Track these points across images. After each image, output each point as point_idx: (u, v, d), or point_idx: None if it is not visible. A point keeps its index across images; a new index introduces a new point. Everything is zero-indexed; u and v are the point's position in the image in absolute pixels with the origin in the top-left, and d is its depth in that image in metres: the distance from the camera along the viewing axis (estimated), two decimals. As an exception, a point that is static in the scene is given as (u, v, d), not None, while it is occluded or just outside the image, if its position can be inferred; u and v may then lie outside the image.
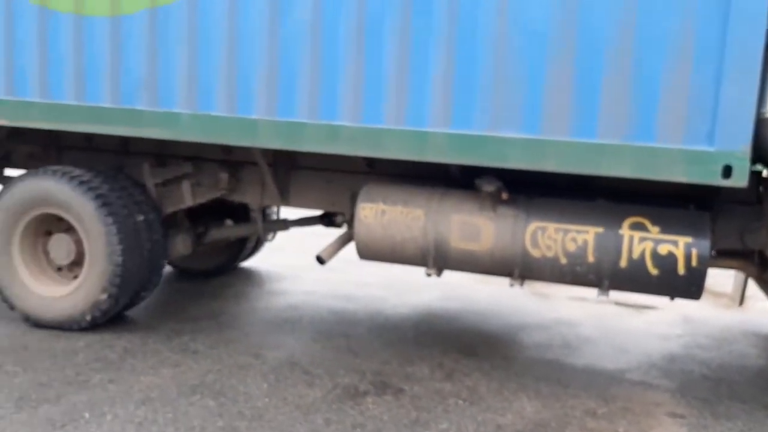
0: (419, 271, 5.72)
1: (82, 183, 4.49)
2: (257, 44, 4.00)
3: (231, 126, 4.11)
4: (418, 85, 3.77)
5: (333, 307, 5.52)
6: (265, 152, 4.62)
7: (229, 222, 5.91)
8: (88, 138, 5.01)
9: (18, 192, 4.60)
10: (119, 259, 4.46)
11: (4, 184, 5.47)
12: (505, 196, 3.97)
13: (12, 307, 4.71)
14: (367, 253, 4.25)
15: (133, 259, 4.55)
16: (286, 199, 4.89)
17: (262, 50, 3.99)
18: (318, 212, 5.34)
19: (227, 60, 4.06)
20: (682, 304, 5.80)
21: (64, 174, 4.53)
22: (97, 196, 4.47)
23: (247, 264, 6.74)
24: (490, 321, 5.40)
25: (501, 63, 3.61)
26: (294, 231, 5.76)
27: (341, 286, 6.19)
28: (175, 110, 4.19)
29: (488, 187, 3.92)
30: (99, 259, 4.47)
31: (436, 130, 3.76)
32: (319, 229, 5.59)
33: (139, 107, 4.25)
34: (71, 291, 4.57)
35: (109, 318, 4.64)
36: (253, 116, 4.06)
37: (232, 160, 4.91)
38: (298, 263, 6.86)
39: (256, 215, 6.14)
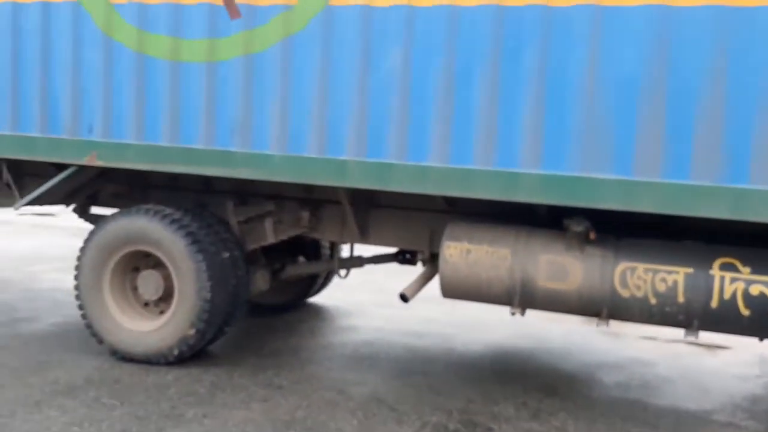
0: (486, 308, 5.78)
1: (173, 221, 4.66)
2: (348, 90, 4.14)
3: (321, 166, 4.24)
4: (507, 129, 3.87)
5: (406, 344, 5.57)
6: (347, 191, 4.74)
7: (301, 259, 6.06)
8: (173, 177, 5.18)
9: (111, 230, 4.78)
10: (208, 295, 4.59)
11: (91, 222, 5.70)
12: (593, 236, 4.01)
13: (100, 341, 4.85)
14: (451, 292, 4.32)
15: (221, 295, 4.67)
16: (365, 237, 4.99)
17: (353, 96, 4.14)
18: (392, 249, 5.43)
19: (318, 105, 4.21)
20: (756, 344, 5.72)
21: (156, 213, 4.70)
22: (188, 234, 4.63)
23: (313, 299, 6.84)
24: (565, 360, 5.40)
25: (591, 110, 3.69)
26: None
27: (409, 322, 6.25)
28: (267, 152, 4.35)
29: (577, 227, 3.97)
30: (188, 295, 4.61)
31: (527, 171, 3.84)
32: (369, 266, 5.69)
33: (232, 149, 4.41)
34: (160, 326, 4.70)
35: (194, 352, 4.76)
36: (343, 157, 4.19)
37: (313, 199, 5.04)
38: (361, 299, 6.95)
39: (327, 252, 6.32)
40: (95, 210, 5.79)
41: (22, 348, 4.99)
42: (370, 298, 7.08)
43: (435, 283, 5.19)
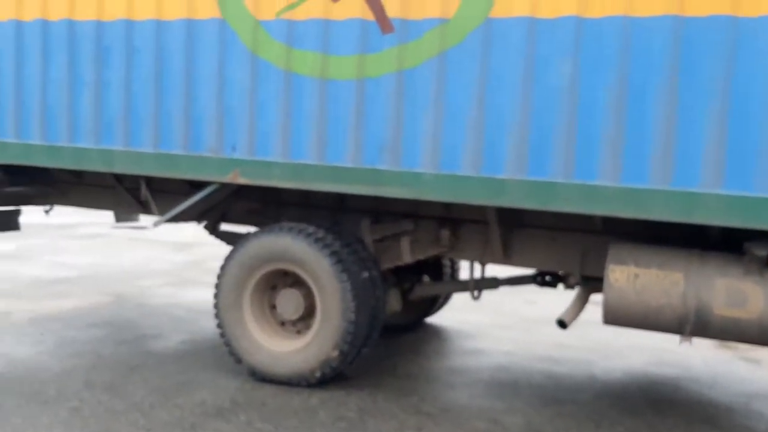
0: (617, 332, 5.53)
1: (317, 240, 4.57)
2: (509, 106, 3.98)
3: (477, 186, 4.08)
4: (686, 146, 3.65)
5: (544, 370, 5.34)
6: (496, 210, 4.56)
7: (426, 278, 5.91)
8: (306, 195, 5.10)
9: (254, 248, 4.72)
10: (352, 316, 4.48)
11: (222, 239, 5.68)
12: (776, 260, 3.74)
13: (239, 361, 4.79)
14: (616, 319, 4.09)
15: (364, 315, 4.56)
16: (508, 258, 4.80)
17: (514, 112, 3.97)
18: (530, 270, 5.23)
19: (475, 121, 4.06)
20: None
21: (300, 231, 4.62)
22: (332, 253, 4.53)
23: (430, 319, 6.68)
24: (713, 389, 5.09)
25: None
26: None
27: (539, 347, 6.02)
28: (418, 170, 4.22)
29: (759, 250, 3.70)
30: (333, 315, 4.50)
31: (709, 191, 3.60)
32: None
33: (381, 167, 4.30)
34: (302, 347, 4.61)
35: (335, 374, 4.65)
36: (502, 176, 4.02)
37: (452, 217, 4.88)
38: (478, 319, 6.77)
39: (448, 271, 6.16)
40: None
41: (159, 366, 4.97)
42: (488, 320, 6.88)
43: (551, 304, 4.99)
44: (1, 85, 5.34)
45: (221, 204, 5.32)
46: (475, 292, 5.48)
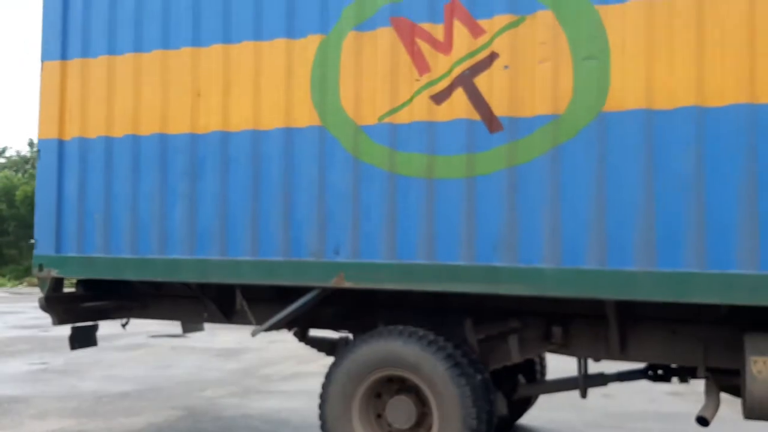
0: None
1: (430, 343, 4.42)
2: (630, 197, 3.93)
3: (605, 279, 3.97)
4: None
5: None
6: (614, 304, 4.43)
7: (521, 378, 5.70)
8: (402, 297, 4.97)
9: (363, 354, 4.57)
10: (474, 423, 4.28)
11: (312, 346, 5.52)
12: None
13: (349, 475, 4.55)
14: (760, 412, 3.89)
15: (483, 422, 4.35)
16: (625, 353, 4.63)
17: (637, 202, 3.92)
18: (640, 365, 5.04)
19: (596, 213, 4.00)
20: None
21: (411, 334, 4.48)
22: (448, 356, 4.38)
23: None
24: None
25: None
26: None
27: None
28: (540, 266, 4.12)
29: None
30: (452, 422, 4.30)
31: None
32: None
33: (498, 264, 4.21)
34: (420, 457, 4.39)
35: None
36: (631, 268, 3.93)
37: (560, 313, 4.74)
38: (566, 417, 6.50)
39: (538, 368, 5.96)
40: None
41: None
42: (574, 417, 6.61)
43: (631, 398, 4.66)
44: (89, 202, 5.34)
45: (312, 310, 5.19)
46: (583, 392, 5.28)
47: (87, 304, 5.83)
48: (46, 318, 5.84)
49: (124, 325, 6.26)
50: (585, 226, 4.04)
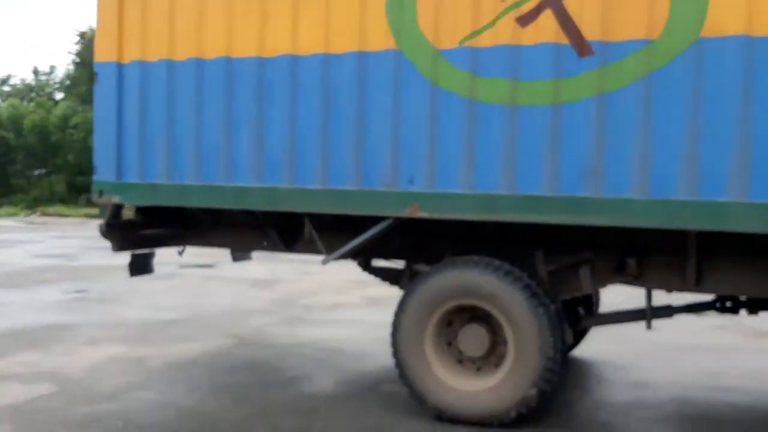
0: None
1: (507, 273, 4.40)
2: (727, 126, 3.82)
3: (696, 210, 3.90)
4: None
5: (724, 400, 5.11)
6: (695, 237, 4.38)
7: (581, 310, 5.71)
8: (470, 228, 4.91)
9: (438, 284, 4.55)
10: (551, 352, 4.29)
11: (377, 275, 5.51)
12: None
13: (422, 403, 4.59)
14: None
15: (558, 351, 4.36)
16: (701, 285, 4.60)
17: (734, 131, 3.81)
18: (709, 297, 5.02)
19: (689, 143, 3.90)
20: None
21: (487, 265, 4.45)
22: (525, 287, 4.36)
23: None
24: None
25: None
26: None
27: (699, 376, 5.79)
28: (626, 196, 4.05)
29: None
30: (529, 352, 4.32)
31: None
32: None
33: (584, 195, 4.13)
34: (495, 385, 4.42)
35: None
36: (724, 199, 3.85)
37: (636, 244, 4.69)
38: (609, 349, 6.55)
39: (595, 300, 5.96)
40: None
41: (334, 410, 4.78)
42: (627, 350, 6.63)
43: (679, 331, 4.69)
44: (150, 127, 5.25)
45: (379, 240, 5.15)
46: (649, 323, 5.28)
47: (145, 231, 5.81)
48: (71, 247, 5.88)
49: (180, 253, 6.26)
50: (677, 156, 3.94)
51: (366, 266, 5.51)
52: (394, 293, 5.29)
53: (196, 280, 11.27)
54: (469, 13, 4.34)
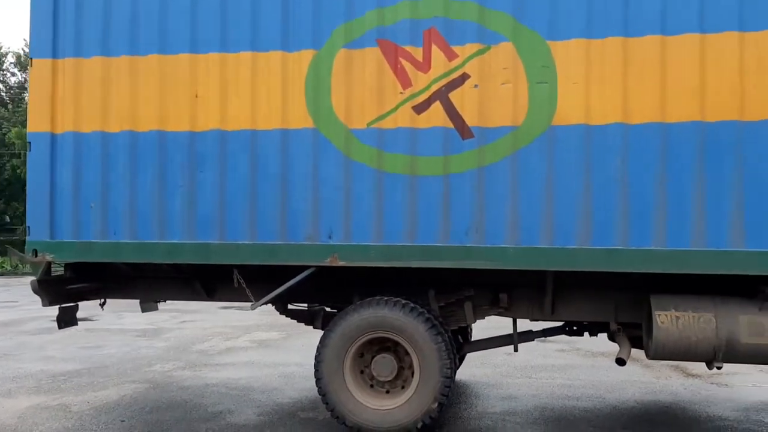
0: (599, 372, 6.65)
1: (412, 309, 5.41)
2: (573, 190, 5.09)
3: (552, 255, 5.12)
4: (716, 217, 4.92)
5: (576, 406, 6.40)
6: (552, 274, 5.61)
7: (460, 338, 6.83)
8: (373, 273, 5.85)
9: (356, 320, 5.47)
10: (448, 372, 5.33)
11: (292, 317, 6.31)
12: (780, 297, 5.05)
13: (343, 422, 5.46)
14: (662, 353, 5.21)
15: (453, 370, 5.41)
16: (555, 314, 5.85)
17: (578, 195, 5.09)
18: (559, 323, 6.30)
19: (546, 204, 5.13)
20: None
21: (395, 303, 5.45)
22: (427, 320, 5.39)
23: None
24: (710, 407, 6.34)
25: None
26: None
27: (553, 388, 7.07)
28: (502, 245, 5.21)
29: (770, 290, 5.01)
30: (432, 372, 5.33)
31: (738, 249, 4.87)
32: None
33: (470, 245, 5.25)
34: (405, 402, 5.38)
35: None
36: (572, 246, 5.11)
37: (505, 282, 5.87)
38: (479, 372, 7.75)
39: (469, 330, 7.12)
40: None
41: (262, 435, 5.52)
42: (490, 371, 7.87)
43: (527, 354, 5.94)
44: (84, 191, 5.79)
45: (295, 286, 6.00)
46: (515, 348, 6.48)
47: (73, 286, 6.26)
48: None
49: (102, 305, 6.72)
50: (538, 213, 5.17)
51: (283, 310, 6.32)
52: (278, 336, 6.13)
53: (78, 332, 11.31)
54: (375, 101, 5.39)
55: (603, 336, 6.20)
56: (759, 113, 4.89)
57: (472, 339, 7.23)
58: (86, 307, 6.77)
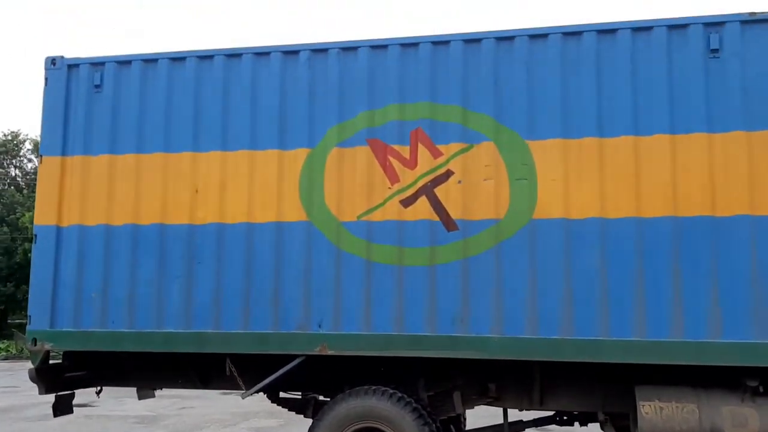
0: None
1: (399, 399, 5.51)
2: (555, 282, 5.27)
3: (537, 345, 5.25)
4: (693, 307, 5.06)
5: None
6: (540, 365, 5.71)
7: (452, 428, 6.86)
8: (361, 363, 5.96)
9: (343, 410, 5.57)
10: (439, 463, 5.37)
11: (283, 406, 6.39)
12: (761, 389, 5.11)
13: None
14: (648, 442, 5.26)
15: (440, 462, 5.46)
16: (544, 403, 5.91)
17: (560, 287, 5.26)
18: (550, 413, 6.34)
19: (530, 294, 5.31)
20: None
21: (383, 393, 5.55)
22: (413, 410, 5.48)
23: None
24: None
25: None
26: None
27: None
28: (487, 335, 5.35)
29: (751, 382, 5.08)
30: (419, 464, 5.37)
31: (714, 341, 4.99)
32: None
33: (456, 335, 5.39)
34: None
35: None
36: (556, 336, 5.24)
37: (493, 372, 5.96)
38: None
39: (463, 419, 7.13)
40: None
41: None
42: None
43: None
44: (87, 282, 6.02)
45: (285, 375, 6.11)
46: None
47: (70, 374, 6.39)
48: None
49: (98, 393, 6.83)
50: (522, 303, 5.33)
51: (275, 398, 6.41)
52: (276, 424, 6.18)
53: (78, 419, 11.32)
54: (364, 196, 5.67)
55: (595, 426, 6.23)
56: (730, 209, 5.11)
57: (466, 428, 7.24)
58: (86, 393, 6.92)
